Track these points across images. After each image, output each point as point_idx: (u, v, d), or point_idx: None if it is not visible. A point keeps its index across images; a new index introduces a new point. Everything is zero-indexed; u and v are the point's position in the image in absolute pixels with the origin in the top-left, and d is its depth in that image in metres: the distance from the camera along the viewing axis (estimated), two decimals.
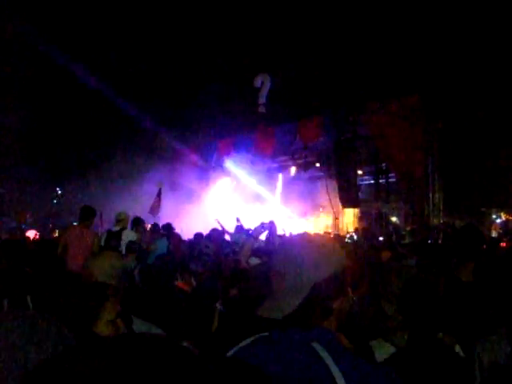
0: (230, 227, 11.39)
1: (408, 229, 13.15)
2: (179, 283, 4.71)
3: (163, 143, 18.72)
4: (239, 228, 9.68)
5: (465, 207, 13.61)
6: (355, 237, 13.66)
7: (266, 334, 1.23)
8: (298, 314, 1.20)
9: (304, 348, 1.15)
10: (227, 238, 9.17)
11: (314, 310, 1.23)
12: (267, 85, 17.76)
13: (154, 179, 16.65)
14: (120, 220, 7.42)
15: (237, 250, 7.35)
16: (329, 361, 1.10)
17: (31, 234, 14.75)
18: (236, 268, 4.25)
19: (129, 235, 6.72)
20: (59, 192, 17.51)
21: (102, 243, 6.63)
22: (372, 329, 2.46)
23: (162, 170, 17.33)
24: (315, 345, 1.15)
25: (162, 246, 7.38)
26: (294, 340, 1.18)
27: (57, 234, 15.99)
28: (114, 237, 6.66)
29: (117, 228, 7.18)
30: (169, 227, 9.00)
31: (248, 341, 1.24)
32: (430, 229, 12.20)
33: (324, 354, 1.12)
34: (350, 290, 1.30)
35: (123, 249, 6.09)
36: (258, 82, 17.88)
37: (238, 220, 9.48)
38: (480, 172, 12.93)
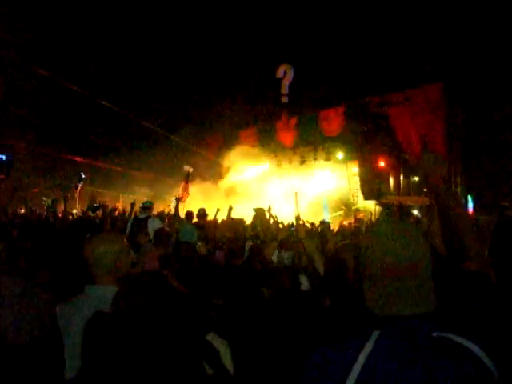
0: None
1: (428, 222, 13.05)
2: None
3: (184, 135, 18.88)
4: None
5: (487, 201, 13.44)
6: None
7: (379, 331, 1.15)
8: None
9: (440, 342, 1.11)
10: None
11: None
12: (290, 75, 17.77)
13: (175, 169, 16.92)
14: (146, 208, 7.69)
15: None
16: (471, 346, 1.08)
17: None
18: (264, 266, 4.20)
19: (155, 223, 6.85)
20: (83, 176, 17.91)
21: (128, 229, 6.94)
22: None
23: (183, 161, 17.58)
24: (452, 336, 1.12)
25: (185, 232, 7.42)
26: (423, 334, 1.12)
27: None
28: (138, 223, 6.85)
29: (143, 215, 7.43)
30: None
31: (371, 344, 1.13)
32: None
33: (466, 342, 1.09)
34: None
35: (150, 235, 6.25)
36: (280, 73, 17.92)
37: (269, 208, 9.53)
38: (503, 166, 12.74)
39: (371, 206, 17.08)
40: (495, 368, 1.08)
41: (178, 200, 8.16)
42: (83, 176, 15.83)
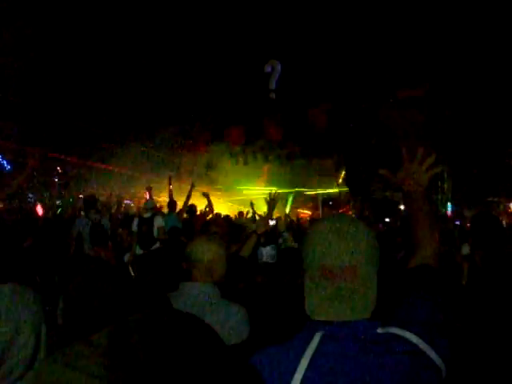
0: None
1: None
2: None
3: (170, 132, 18.73)
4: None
5: (473, 196, 13.60)
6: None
7: (322, 332, 1.12)
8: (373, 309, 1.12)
9: (380, 335, 1.09)
10: None
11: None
12: (277, 71, 17.72)
13: (161, 168, 16.85)
14: (150, 208, 7.85)
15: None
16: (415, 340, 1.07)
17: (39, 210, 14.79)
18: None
19: (158, 221, 7.23)
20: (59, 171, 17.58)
21: (135, 228, 7.12)
22: None
23: (171, 160, 17.52)
24: (395, 330, 1.11)
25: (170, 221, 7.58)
26: (369, 332, 1.10)
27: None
28: (145, 223, 7.14)
29: (148, 215, 7.57)
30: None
31: (313, 345, 1.10)
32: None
33: (405, 334, 1.09)
34: None
35: (155, 233, 6.72)
36: (268, 68, 17.86)
37: (251, 205, 9.68)
38: (488, 161, 12.90)
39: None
40: (442, 362, 1.07)
41: (150, 189, 8.38)
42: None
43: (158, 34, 16.21)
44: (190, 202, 9.11)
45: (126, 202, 15.85)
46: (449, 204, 13.62)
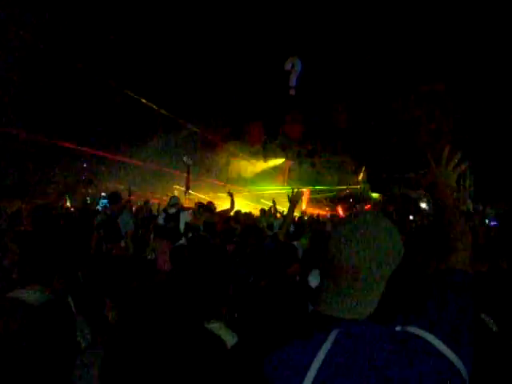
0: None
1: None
2: None
3: (192, 128, 18.82)
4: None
5: (495, 194, 13.41)
6: None
7: (338, 329, 1.12)
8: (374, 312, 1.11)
9: (401, 336, 1.07)
10: None
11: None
12: (297, 68, 17.70)
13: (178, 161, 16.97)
14: (174, 204, 8.00)
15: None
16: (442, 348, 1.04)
17: None
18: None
19: (186, 217, 7.37)
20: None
21: (161, 222, 7.32)
22: None
23: (191, 153, 17.58)
24: (414, 329, 1.08)
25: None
26: (385, 332, 1.09)
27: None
28: (172, 219, 7.31)
29: (173, 210, 7.71)
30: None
31: (329, 342, 1.11)
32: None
33: (435, 340, 1.05)
34: None
35: (181, 229, 6.92)
36: (288, 66, 17.86)
37: (273, 202, 9.68)
38: (510, 158, 12.69)
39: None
40: (464, 367, 1.03)
41: (187, 191, 8.46)
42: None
43: (179, 31, 16.34)
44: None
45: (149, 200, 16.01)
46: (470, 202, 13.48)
